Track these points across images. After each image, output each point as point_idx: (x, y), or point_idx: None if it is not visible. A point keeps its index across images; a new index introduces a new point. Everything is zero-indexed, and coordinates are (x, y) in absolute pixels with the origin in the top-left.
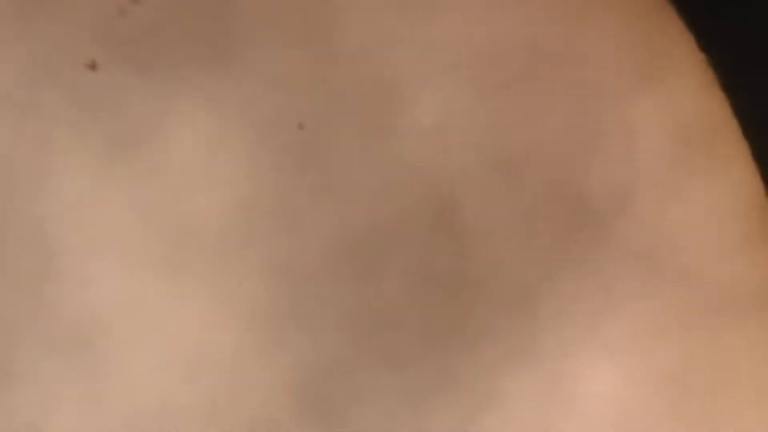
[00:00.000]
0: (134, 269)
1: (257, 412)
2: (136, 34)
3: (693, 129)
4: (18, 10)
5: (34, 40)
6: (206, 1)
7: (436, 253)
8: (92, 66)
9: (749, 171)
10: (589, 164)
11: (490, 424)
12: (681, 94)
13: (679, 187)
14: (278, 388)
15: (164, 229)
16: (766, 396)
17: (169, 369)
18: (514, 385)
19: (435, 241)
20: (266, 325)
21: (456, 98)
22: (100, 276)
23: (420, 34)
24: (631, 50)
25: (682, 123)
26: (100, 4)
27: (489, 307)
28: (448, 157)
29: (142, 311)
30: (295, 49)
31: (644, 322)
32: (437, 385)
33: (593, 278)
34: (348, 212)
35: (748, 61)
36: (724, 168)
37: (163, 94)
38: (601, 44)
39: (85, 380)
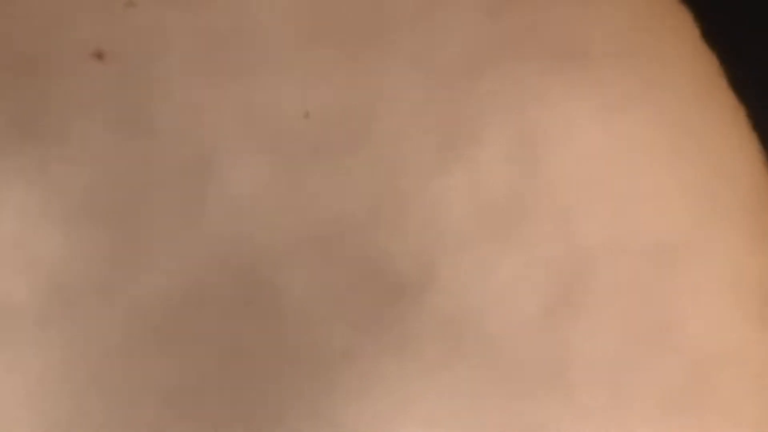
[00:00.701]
0: None
1: None
2: None
3: (500, 204)
4: None
5: None
6: (26, 76)
7: (249, 326)
8: None
9: (559, 243)
10: (395, 239)
11: None
12: (489, 170)
13: (485, 261)
14: None
15: None
16: None
17: None
18: None
19: (248, 314)
20: (75, 399)
21: (265, 172)
22: None
23: (231, 110)
24: (437, 124)
25: (488, 198)
26: None
27: (296, 382)
28: (261, 230)
29: None
30: (114, 126)
31: (450, 394)
32: None
33: (400, 350)
34: (160, 285)
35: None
36: (531, 241)
37: None
38: (406, 118)
39: None
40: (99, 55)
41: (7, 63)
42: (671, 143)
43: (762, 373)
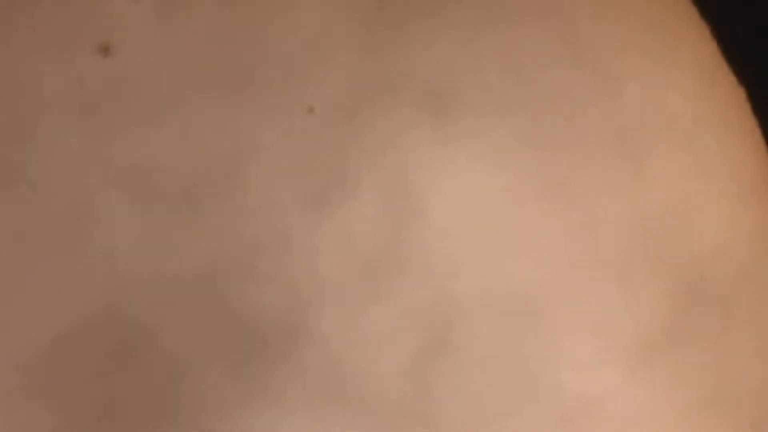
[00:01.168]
0: None
1: None
2: None
3: (371, 255)
4: None
5: None
6: None
7: (122, 375)
8: None
9: (429, 294)
10: (265, 288)
11: None
12: (361, 220)
13: (356, 312)
14: None
15: None
16: None
17: None
18: None
19: (121, 363)
20: None
21: (139, 222)
22: None
23: (104, 159)
24: (309, 173)
25: (360, 249)
26: None
27: (169, 431)
28: (133, 280)
29: None
30: None
31: None
32: None
33: (273, 400)
34: (39, 334)
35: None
36: (401, 293)
37: None
38: (277, 167)
39: None
40: (105, 49)
41: None
42: (544, 193)
43: (629, 421)
